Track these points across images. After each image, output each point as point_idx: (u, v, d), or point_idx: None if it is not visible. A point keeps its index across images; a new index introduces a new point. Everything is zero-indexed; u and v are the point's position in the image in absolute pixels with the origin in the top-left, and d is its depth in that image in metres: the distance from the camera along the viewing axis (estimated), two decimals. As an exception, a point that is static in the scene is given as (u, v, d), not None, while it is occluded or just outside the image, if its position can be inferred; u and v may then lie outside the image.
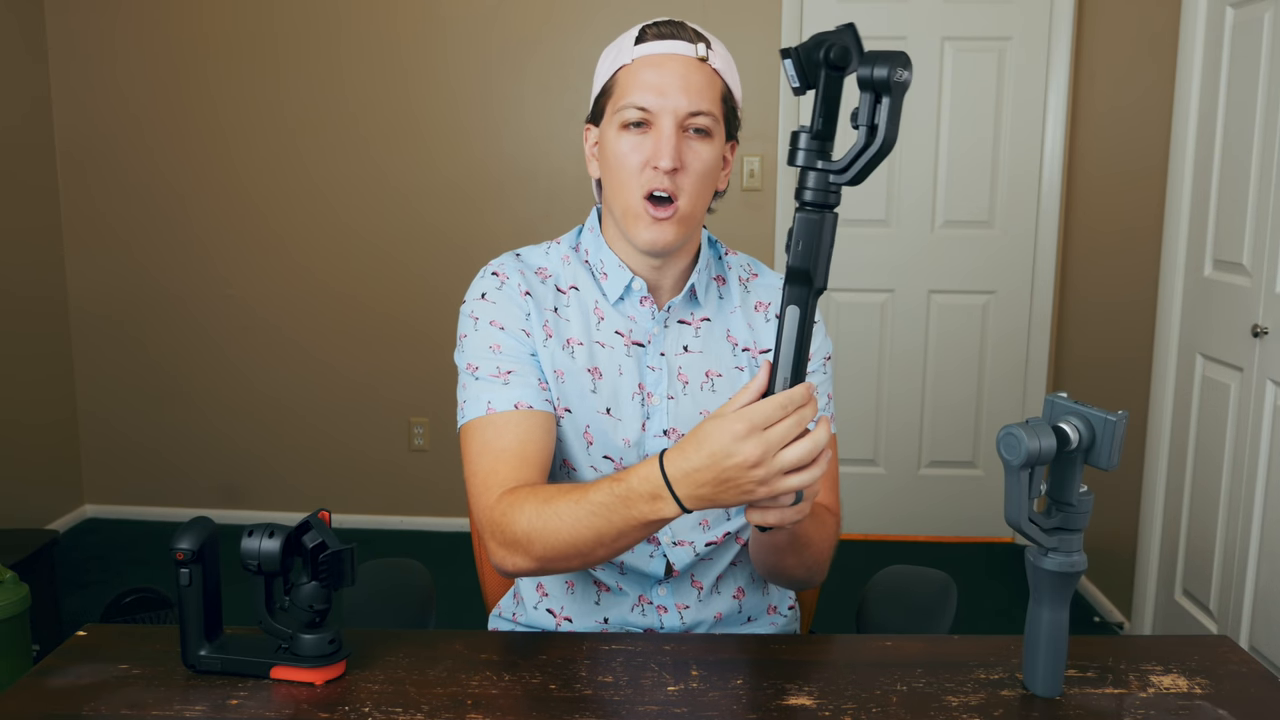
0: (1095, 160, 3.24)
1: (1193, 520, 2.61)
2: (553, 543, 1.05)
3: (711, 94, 1.16)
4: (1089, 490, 0.98)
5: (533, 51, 3.49)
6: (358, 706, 0.98)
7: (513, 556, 1.09)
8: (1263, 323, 2.28)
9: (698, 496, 0.96)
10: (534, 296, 1.24)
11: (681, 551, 1.26)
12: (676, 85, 1.14)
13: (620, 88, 1.17)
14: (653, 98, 1.14)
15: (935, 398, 3.61)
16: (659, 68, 1.15)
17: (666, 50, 1.16)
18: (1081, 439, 0.95)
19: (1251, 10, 2.35)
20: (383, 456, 3.71)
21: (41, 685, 1.02)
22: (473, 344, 1.23)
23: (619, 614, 1.28)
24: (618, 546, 1.04)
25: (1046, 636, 1.01)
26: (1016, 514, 0.96)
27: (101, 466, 3.77)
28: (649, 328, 1.25)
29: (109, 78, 3.56)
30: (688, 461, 0.95)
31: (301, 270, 3.62)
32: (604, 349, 1.24)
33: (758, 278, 1.33)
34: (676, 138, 1.14)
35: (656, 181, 1.15)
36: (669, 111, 1.14)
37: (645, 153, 1.15)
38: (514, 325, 1.23)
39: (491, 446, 1.16)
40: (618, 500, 1.00)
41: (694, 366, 1.26)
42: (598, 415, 1.23)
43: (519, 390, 1.19)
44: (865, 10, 3.41)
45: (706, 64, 1.17)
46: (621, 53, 1.19)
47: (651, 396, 1.24)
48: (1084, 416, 0.96)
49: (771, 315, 1.30)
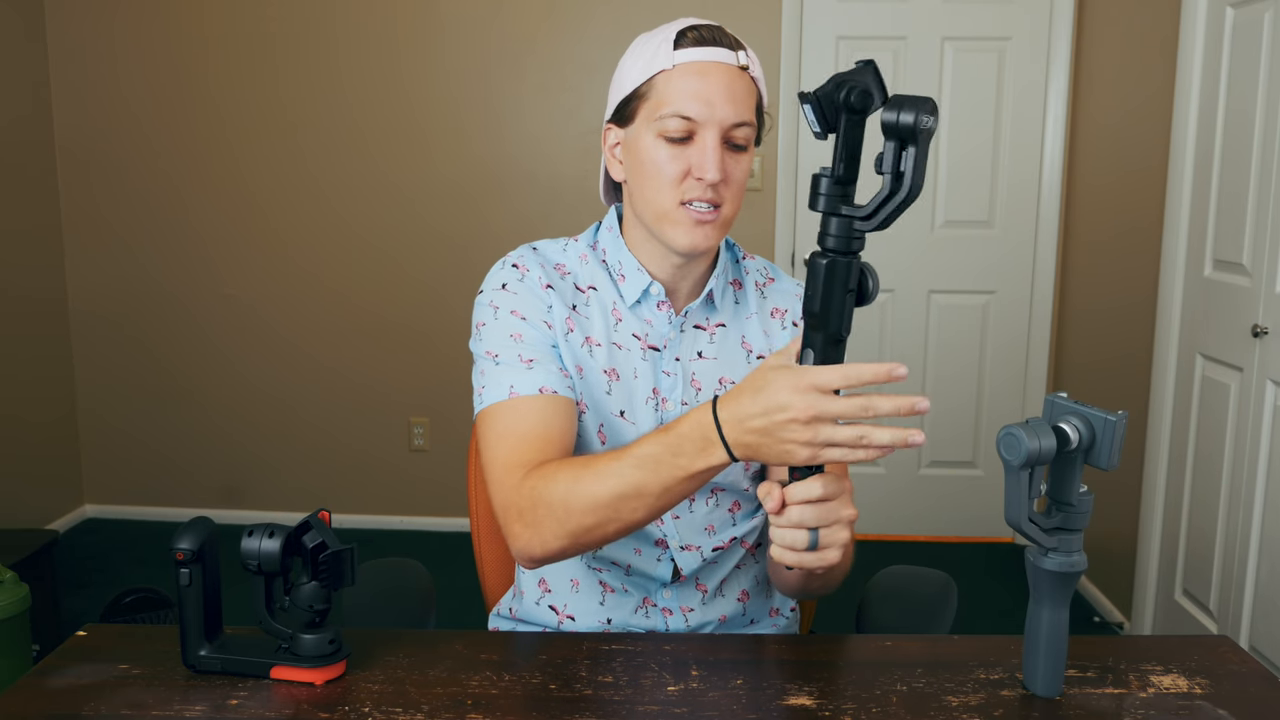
0: (1095, 160, 3.24)
1: (1193, 520, 2.61)
2: (590, 505, 1.01)
3: (750, 104, 1.14)
4: (1089, 490, 0.98)
5: (532, 51, 3.49)
6: (358, 706, 0.98)
7: (541, 534, 1.05)
8: (1263, 323, 2.28)
9: (744, 444, 0.94)
10: (556, 290, 1.22)
11: (689, 556, 1.26)
12: (722, 95, 1.11)
13: (659, 93, 1.13)
14: (699, 107, 1.11)
15: (935, 398, 3.61)
16: (704, 76, 1.11)
17: (711, 58, 1.12)
18: (1081, 439, 0.95)
19: (1251, 10, 2.35)
20: (383, 456, 3.71)
21: (41, 685, 1.02)
22: (492, 332, 1.19)
23: (622, 615, 1.27)
24: (659, 505, 1.01)
25: (1046, 636, 1.01)
26: (1016, 514, 0.96)
27: (101, 466, 3.77)
28: (665, 332, 1.23)
29: (109, 77, 3.56)
30: (741, 407, 0.93)
31: (301, 270, 3.62)
32: (621, 351, 1.23)
33: (774, 282, 1.31)
34: (720, 150, 1.11)
35: (698, 192, 1.12)
36: (714, 123, 1.11)
37: (686, 163, 1.12)
38: (535, 316, 1.20)
39: (514, 430, 1.13)
40: (665, 450, 0.98)
41: (708, 373, 1.24)
42: (612, 417, 1.22)
43: (543, 375, 1.16)
44: (865, 10, 3.41)
45: (747, 73, 1.14)
46: (658, 56, 1.14)
47: (666, 402, 1.23)
48: (1084, 416, 0.96)
49: (788, 322, 1.28)
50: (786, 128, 3.45)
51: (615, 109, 1.19)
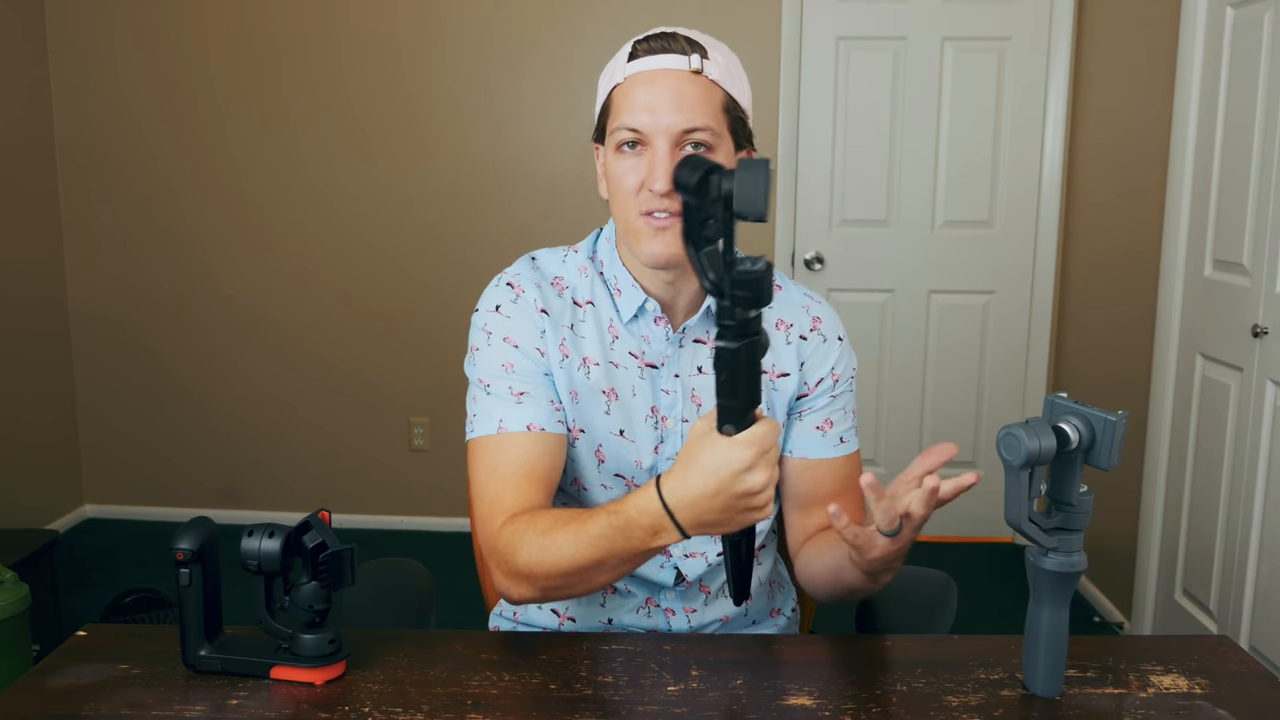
0: (1095, 160, 3.24)
1: (1193, 520, 2.61)
2: (554, 574, 1.04)
3: (709, 107, 1.11)
4: (1089, 490, 0.98)
5: (532, 51, 3.49)
6: (358, 706, 0.98)
7: (518, 587, 1.08)
8: (1263, 323, 2.28)
9: (703, 524, 0.95)
10: (550, 314, 1.21)
11: (693, 563, 1.25)
12: (668, 103, 1.10)
13: (615, 107, 1.14)
14: (644, 117, 1.11)
15: (935, 398, 3.61)
16: (650, 85, 1.11)
17: (657, 66, 1.12)
18: (1081, 439, 0.95)
19: (1251, 10, 2.35)
20: (383, 456, 3.71)
21: (41, 685, 1.02)
22: (485, 359, 1.20)
23: (624, 615, 1.27)
24: (621, 572, 1.04)
25: (1046, 636, 1.01)
26: (1016, 514, 0.96)
27: (101, 466, 3.77)
28: (663, 349, 1.21)
29: (109, 78, 3.56)
30: (691, 489, 0.94)
31: (301, 270, 3.62)
32: (618, 369, 1.21)
33: (781, 291, 1.28)
34: (672, 158, 1.10)
35: (653, 203, 1.11)
36: (662, 131, 1.10)
37: (641, 174, 1.12)
38: (528, 344, 1.20)
39: (499, 471, 1.14)
40: (618, 533, 0.99)
41: (708, 388, 1.21)
42: (611, 436, 1.22)
43: (532, 410, 1.16)
44: (865, 10, 3.41)
45: (702, 75, 1.12)
46: (615, 70, 1.16)
47: (666, 420, 1.22)
48: (1084, 416, 0.96)
49: (794, 336, 1.26)
50: (787, 127, 3.45)
51: (595, 128, 1.21)
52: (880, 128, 3.47)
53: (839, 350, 1.27)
